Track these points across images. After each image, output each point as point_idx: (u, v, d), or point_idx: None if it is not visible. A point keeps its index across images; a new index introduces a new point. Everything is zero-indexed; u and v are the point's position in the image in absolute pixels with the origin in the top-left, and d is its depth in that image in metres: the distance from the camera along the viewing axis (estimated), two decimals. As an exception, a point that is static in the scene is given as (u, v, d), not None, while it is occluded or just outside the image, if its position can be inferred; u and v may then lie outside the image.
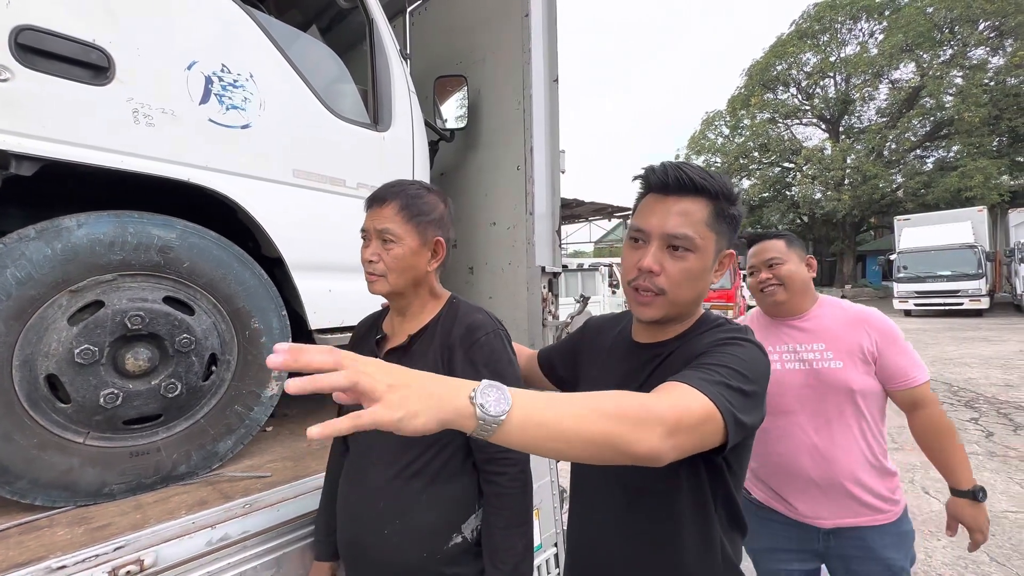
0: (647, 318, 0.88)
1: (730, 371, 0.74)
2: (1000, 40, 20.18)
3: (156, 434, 1.36)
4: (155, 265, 1.32)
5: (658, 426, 0.61)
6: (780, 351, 1.50)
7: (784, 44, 25.18)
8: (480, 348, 1.04)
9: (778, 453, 1.48)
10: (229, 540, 1.15)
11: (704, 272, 0.85)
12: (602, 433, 0.59)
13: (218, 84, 1.42)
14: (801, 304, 1.51)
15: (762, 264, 1.51)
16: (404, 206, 1.06)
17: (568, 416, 0.58)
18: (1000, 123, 19.48)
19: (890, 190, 21.77)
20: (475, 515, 1.07)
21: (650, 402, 0.64)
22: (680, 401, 0.67)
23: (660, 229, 0.83)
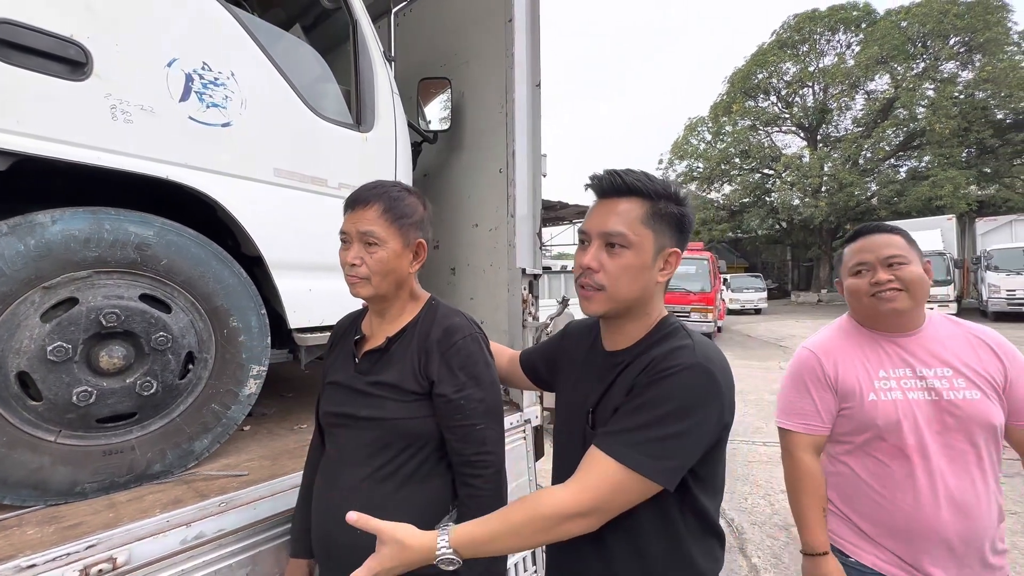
0: (590, 313, 0.94)
1: (655, 416, 0.81)
2: (969, 55, 20.98)
3: (131, 432, 1.35)
4: (132, 262, 1.31)
5: (576, 519, 0.79)
6: (897, 376, 1.22)
7: (765, 53, 25.76)
8: (457, 352, 1.05)
9: (904, 505, 1.18)
10: (204, 538, 1.15)
11: (642, 268, 0.89)
12: (532, 536, 0.80)
13: (199, 82, 1.41)
14: (918, 318, 1.25)
15: (879, 263, 1.23)
16: (387, 208, 1.06)
17: (506, 543, 0.81)
18: (969, 135, 20.23)
19: (865, 198, 22.43)
20: (448, 515, 1.07)
21: (564, 502, 0.79)
22: (589, 483, 0.80)
23: (598, 228, 0.90)
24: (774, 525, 3.28)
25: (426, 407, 1.05)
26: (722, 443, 0.90)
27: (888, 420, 1.20)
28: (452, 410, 1.03)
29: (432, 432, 1.05)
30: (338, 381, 1.14)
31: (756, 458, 4.48)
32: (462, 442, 1.04)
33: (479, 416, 1.04)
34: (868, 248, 1.27)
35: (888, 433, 1.21)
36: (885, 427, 1.20)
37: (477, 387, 1.04)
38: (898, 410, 1.20)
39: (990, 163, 20.87)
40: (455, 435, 1.04)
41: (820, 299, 24.61)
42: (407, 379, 1.05)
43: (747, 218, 26.60)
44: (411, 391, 1.05)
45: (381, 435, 1.05)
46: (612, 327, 0.98)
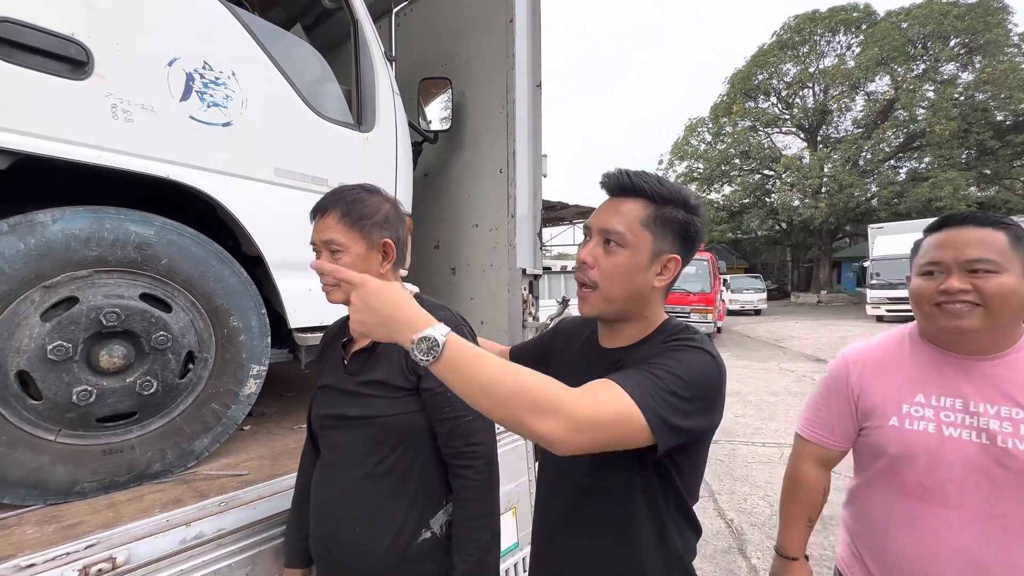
0: (586, 314, 0.92)
1: (669, 374, 0.76)
2: (970, 57, 20.98)
3: (130, 432, 1.35)
4: (132, 262, 1.31)
5: (562, 419, 0.67)
6: (940, 405, 1.01)
7: (765, 54, 25.76)
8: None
9: (905, 549, 1.03)
10: (203, 538, 1.15)
11: (636, 269, 0.87)
12: (508, 401, 0.67)
13: (199, 81, 1.41)
14: (1002, 340, 0.98)
15: (956, 265, 0.97)
16: (345, 213, 1.05)
17: (485, 377, 0.68)
18: (969, 136, 20.22)
19: (865, 199, 22.42)
20: (443, 510, 1.08)
21: (565, 396, 0.69)
22: (596, 399, 0.71)
23: (599, 225, 0.89)
24: (773, 526, 3.28)
25: (415, 402, 1.06)
26: (708, 442, 0.91)
27: (903, 451, 1.03)
28: (440, 403, 1.04)
29: (424, 427, 1.06)
30: (329, 384, 1.15)
31: (755, 459, 4.48)
32: (451, 435, 1.05)
33: (467, 408, 1.01)
34: (946, 243, 1.00)
35: (902, 466, 1.03)
36: (898, 457, 1.04)
37: None
38: (920, 444, 1.00)
39: (990, 165, 20.86)
40: (444, 428, 1.05)
41: (820, 300, 24.62)
42: (395, 375, 1.06)
43: (747, 219, 26.59)
44: (399, 387, 1.05)
45: (373, 433, 1.06)
46: (610, 327, 0.97)
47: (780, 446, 4.80)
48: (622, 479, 0.88)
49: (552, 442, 0.68)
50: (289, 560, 1.20)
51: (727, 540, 3.12)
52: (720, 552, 2.98)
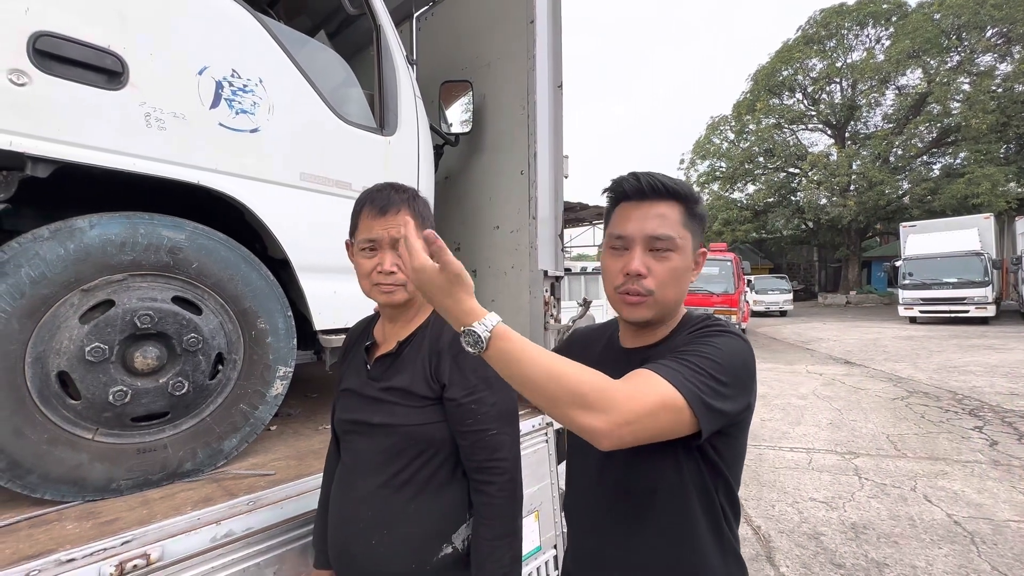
0: (638, 319, 0.90)
1: (704, 359, 0.77)
2: (1008, 47, 20.14)
3: (163, 432, 1.38)
4: (164, 265, 1.34)
5: (608, 412, 0.68)
6: None
7: (790, 50, 25.19)
8: (467, 354, 1.04)
9: None
10: (233, 536, 1.17)
11: (687, 270, 0.89)
12: (555, 395, 0.69)
13: (228, 89, 1.45)
14: None
15: None
16: (416, 213, 1.07)
17: (531, 371, 0.70)
18: (1008, 130, 19.42)
19: (896, 196, 21.72)
20: (466, 524, 1.04)
21: (611, 388, 0.70)
22: (639, 389, 0.71)
23: (642, 232, 0.87)
24: (803, 534, 3.19)
25: (438, 412, 1.03)
26: (747, 426, 0.90)
27: None
28: (463, 414, 1.00)
29: (446, 438, 1.03)
30: (351, 388, 1.13)
31: (783, 464, 4.37)
32: (474, 448, 1.01)
33: (491, 420, 1.01)
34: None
35: None
36: None
37: (488, 390, 1.02)
38: None
39: (1031, 159, 19.99)
40: (467, 440, 1.01)
41: (848, 301, 23.88)
42: (418, 383, 1.03)
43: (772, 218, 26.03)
44: (422, 395, 1.03)
45: (395, 442, 1.03)
46: (642, 328, 0.96)
47: (808, 451, 4.67)
48: (672, 475, 0.86)
49: (598, 436, 0.69)
50: (317, 560, 1.21)
51: (755, 547, 3.05)
52: (747, 560, 2.90)
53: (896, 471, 4.10)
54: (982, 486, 3.77)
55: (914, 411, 5.90)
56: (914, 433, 5.11)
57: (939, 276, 15.06)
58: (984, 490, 3.70)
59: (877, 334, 13.33)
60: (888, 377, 7.91)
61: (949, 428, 5.21)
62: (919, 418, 5.62)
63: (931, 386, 7.08)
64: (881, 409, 6.01)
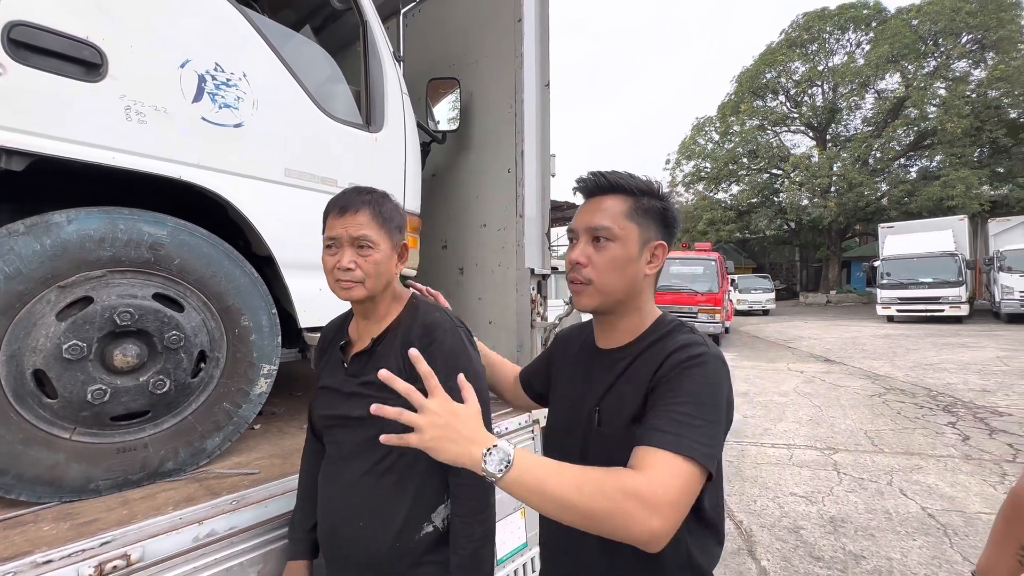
0: (582, 308, 0.96)
1: (696, 406, 0.79)
2: (982, 53, 20.72)
3: (143, 430, 1.36)
4: (145, 262, 1.32)
5: (646, 511, 0.68)
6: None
7: (774, 52, 25.57)
8: (439, 346, 1.08)
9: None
10: (216, 536, 1.16)
11: (628, 260, 0.91)
12: (590, 510, 0.69)
13: (211, 83, 1.43)
14: None
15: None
16: (377, 213, 1.10)
17: (568, 488, 0.70)
18: (981, 134, 19.97)
19: (875, 198, 22.20)
20: (445, 505, 1.11)
21: (641, 484, 0.70)
22: (665, 478, 0.72)
23: (584, 224, 0.93)
24: (783, 528, 3.25)
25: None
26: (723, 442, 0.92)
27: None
28: None
29: None
30: (329, 385, 1.18)
31: (765, 460, 4.45)
32: None
33: None
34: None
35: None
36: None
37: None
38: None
39: (1003, 163, 20.60)
40: None
41: (829, 300, 24.37)
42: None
43: (755, 218, 26.41)
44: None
45: (376, 432, 1.06)
46: (606, 324, 0.99)
47: (789, 447, 4.77)
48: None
49: (659, 539, 0.69)
50: (293, 552, 1.22)
51: (736, 542, 3.10)
52: (729, 554, 2.96)
53: (873, 466, 4.21)
54: (955, 480, 3.89)
55: (891, 407, 6.05)
56: (890, 429, 5.25)
57: (915, 276, 15.47)
58: (957, 484, 3.81)
59: (856, 332, 13.63)
60: (866, 374, 8.10)
61: (924, 424, 5.36)
62: (895, 414, 5.77)
63: (907, 383, 7.27)
64: (859, 406, 6.16)
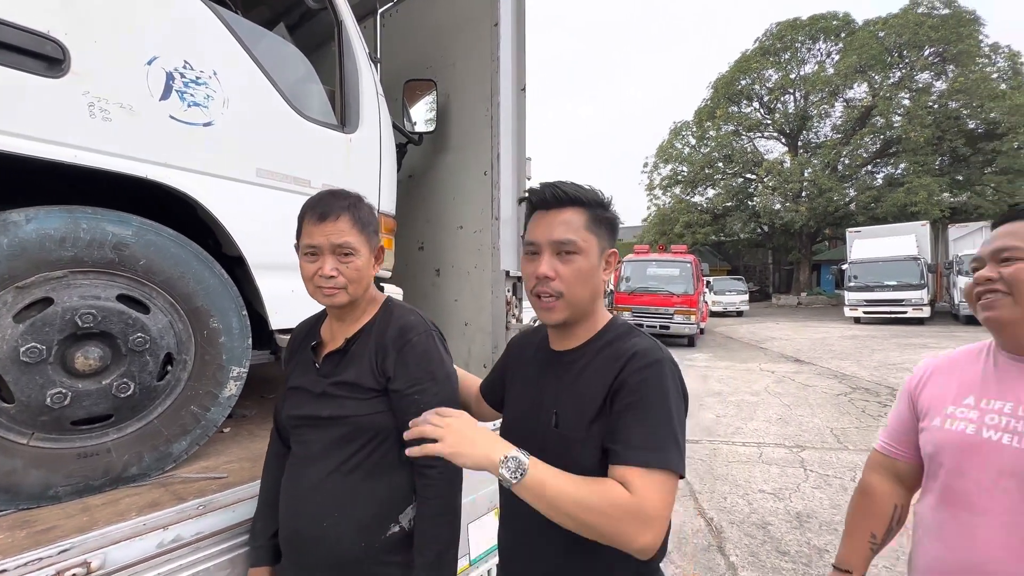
0: (552, 321, 0.96)
1: (664, 415, 0.84)
2: (943, 66, 21.63)
3: (106, 435, 1.33)
4: (109, 262, 1.29)
5: (641, 525, 0.76)
6: (989, 407, 0.95)
7: (748, 60, 26.20)
8: (412, 348, 1.09)
9: (932, 560, 0.99)
10: (182, 541, 1.14)
11: (592, 271, 0.94)
12: (598, 526, 0.76)
13: (180, 81, 1.40)
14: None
15: (989, 255, 0.95)
16: (356, 219, 1.11)
17: (571, 499, 0.77)
18: (943, 144, 20.85)
19: (843, 203, 22.94)
20: (412, 505, 1.11)
21: (632, 502, 0.77)
22: (650, 493, 0.78)
23: (548, 238, 0.93)
24: (751, 524, 3.34)
25: (384, 402, 1.10)
26: None
27: (938, 450, 1.00)
28: (406, 404, 1.07)
29: (392, 426, 1.10)
30: (300, 386, 1.17)
31: (735, 458, 4.56)
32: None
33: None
34: (988, 239, 0.98)
35: (936, 466, 1.00)
36: (934, 456, 1.01)
37: (432, 382, 1.09)
38: (955, 444, 0.96)
39: (962, 171, 21.53)
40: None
41: (800, 302, 25.09)
42: (365, 377, 1.09)
43: (730, 222, 26.99)
44: (370, 388, 1.09)
45: (346, 432, 1.09)
46: (564, 331, 1.01)
47: (759, 446, 4.89)
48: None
49: (650, 550, 0.77)
50: (255, 559, 1.20)
51: (707, 538, 3.17)
52: (700, 550, 3.03)
53: (838, 463, 4.35)
54: (913, 475, 4.05)
55: (856, 406, 6.27)
56: (855, 427, 5.44)
57: (881, 279, 16.06)
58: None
59: (825, 333, 14.06)
60: (834, 374, 8.37)
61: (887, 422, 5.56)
62: (860, 412, 5.98)
63: (872, 382, 7.54)
64: (826, 404, 6.36)
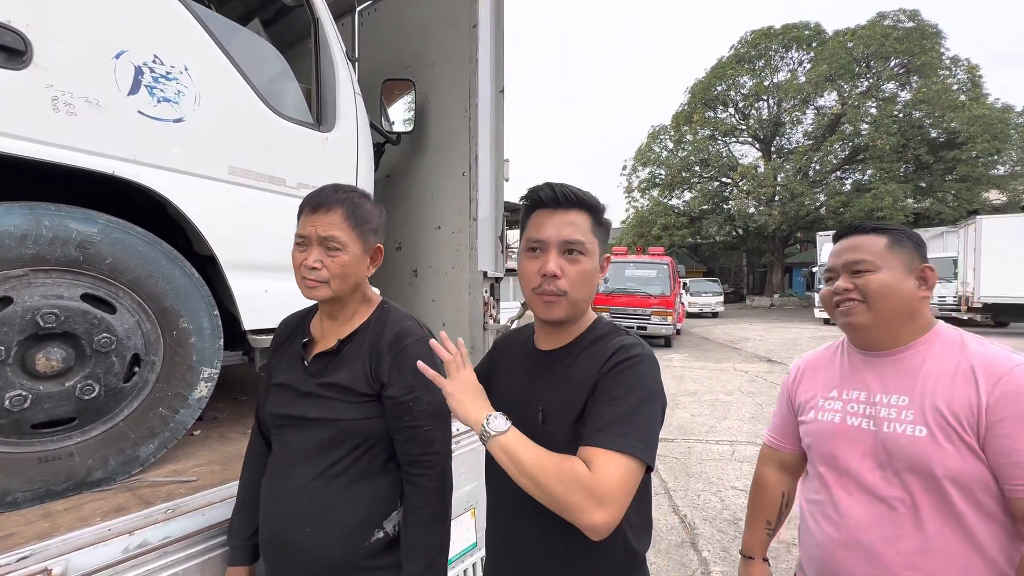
0: (552, 318, 0.97)
1: (634, 404, 0.86)
2: (908, 77, 22.53)
3: (69, 438, 1.29)
4: (73, 260, 1.25)
5: (595, 506, 0.77)
6: (848, 398, 1.10)
7: (724, 66, 26.79)
8: (407, 354, 1.07)
9: (814, 543, 1.11)
10: (148, 547, 1.11)
11: (595, 273, 0.97)
12: (550, 491, 0.80)
13: (149, 75, 1.37)
14: (896, 334, 1.05)
15: (842, 268, 1.09)
16: (350, 214, 1.08)
17: (534, 463, 0.82)
18: (907, 151, 21.70)
19: (814, 207, 23.65)
20: (397, 511, 1.10)
21: (591, 479, 0.79)
22: (610, 474, 0.80)
23: (557, 237, 0.94)
24: (724, 520, 3.42)
25: (375, 408, 1.07)
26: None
27: (815, 439, 1.14)
28: (401, 411, 1.06)
29: (381, 431, 1.08)
30: (286, 383, 1.14)
31: (709, 456, 4.66)
32: (409, 442, 1.06)
33: (426, 417, 1.07)
34: (837, 251, 1.13)
35: (815, 455, 1.14)
36: (812, 446, 1.15)
37: (426, 390, 1.07)
38: (828, 433, 1.10)
39: (925, 178, 22.44)
40: (402, 435, 1.07)
41: (772, 303, 25.76)
42: (358, 381, 1.07)
43: (706, 224, 27.54)
44: (362, 392, 1.07)
45: (332, 435, 1.06)
46: (555, 330, 1.02)
47: (732, 443, 5.01)
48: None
49: (603, 530, 0.78)
50: (234, 558, 1.18)
51: (680, 535, 3.24)
52: (673, 547, 3.09)
53: (807, 459, 4.48)
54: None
55: (824, 404, 6.46)
56: (823, 424, 5.60)
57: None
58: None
59: (796, 334, 14.47)
60: (803, 374, 8.60)
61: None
62: (828, 411, 6.16)
63: (839, 381, 7.78)
64: (796, 403, 6.54)
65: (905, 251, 1.05)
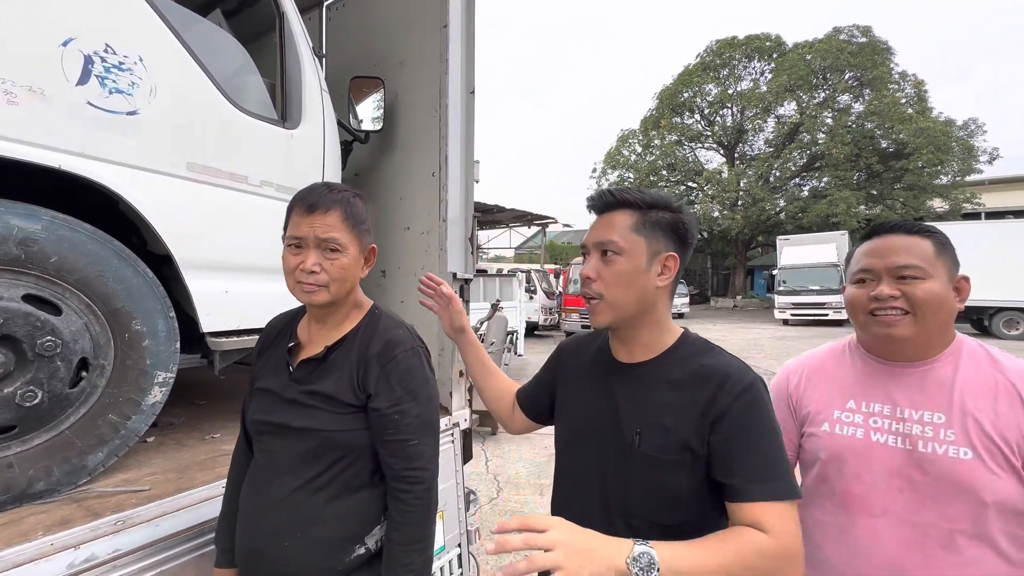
0: (597, 324, 0.95)
1: (774, 443, 0.83)
2: (861, 89, 23.68)
3: (8, 448, 1.21)
4: (14, 259, 1.18)
5: (795, 560, 0.76)
6: (870, 411, 1.00)
7: (690, 74, 27.53)
8: (396, 365, 1.04)
9: (837, 563, 1.01)
10: (96, 561, 1.06)
11: (636, 273, 0.91)
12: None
13: (100, 65, 1.30)
14: (930, 347, 0.98)
15: (886, 271, 0.97)
16: (348, 214, 1.03)
17: (719, 569, 0.71)
18: (860, 160, 22.81)
19: (774, 212, 24.58)
20: (380, 526, 1.06)
21: (779, 548, 0.75)
22: (787, 531, 0.77)
23: (593, 240, 0.95)
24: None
25: (361, 419, 1.03)
26: None
27: (832, 456, 1.03)
28: (387, 424, 1.02)
29: (366, 444, 1.04)
30: (270, 388, 1.09)
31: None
32: (395, 456, 1.02)
33: (413, 431, 1.03)
34: (875, 251, 1.00)
35: (832, 473, 1.03)
36: (828, 463, 1.04)
37: (414, 402, 1.04)
38: (849, 449, 1.00)
39: (876, 186, 23.66)
40: (388, 449, 1.02)
41: (735, 304, 26.62)
42: (344, 391, 1.03)
43: (672, 227, 28.12)
44: (347, 403, 1.02)
45: (315, 446, 1.02)
46: (625, 337, 0.98)
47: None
48: (714, 510, 0.88)
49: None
50: (220, 559, 1.13)
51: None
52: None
53: None
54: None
55: (783, 402, 6.71)
56: (782, 421, 5.82)
57: (806, 284, 17.37)
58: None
59: (757, 334, 14.98)
60: (764, 372, 8.92)
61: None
62: (786, 408, 6.41)
63: (797, 380, 8.10)
64: (757, 401, 6.77)
65: (948, 258, 0.97)
